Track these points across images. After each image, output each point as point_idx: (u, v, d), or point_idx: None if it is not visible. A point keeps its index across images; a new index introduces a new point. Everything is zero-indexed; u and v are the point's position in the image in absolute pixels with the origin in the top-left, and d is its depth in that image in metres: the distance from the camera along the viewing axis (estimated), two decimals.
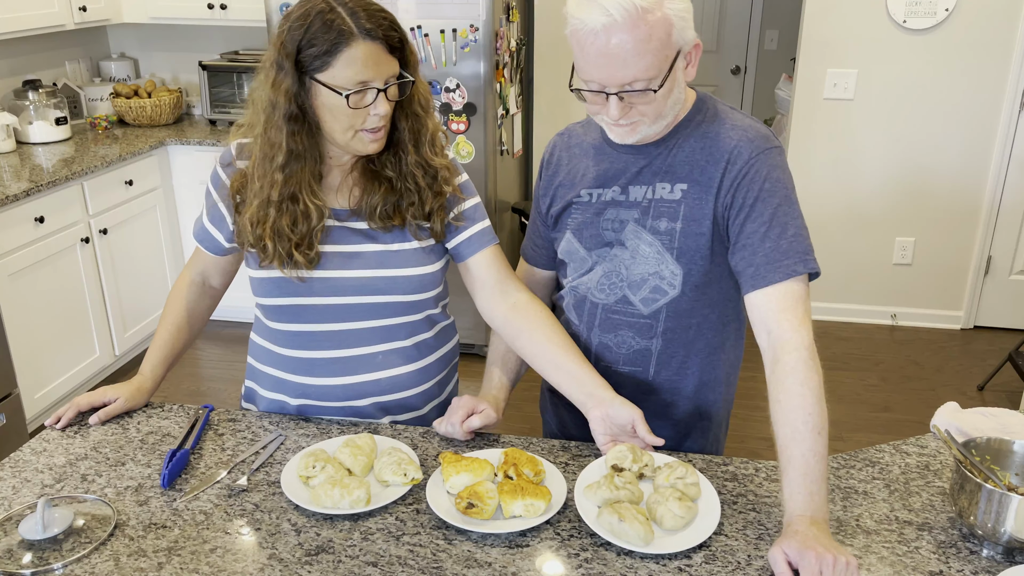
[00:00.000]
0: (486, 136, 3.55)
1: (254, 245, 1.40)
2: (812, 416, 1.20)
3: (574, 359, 1.43)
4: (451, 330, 1.63)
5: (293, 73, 1.30)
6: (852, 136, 3.96)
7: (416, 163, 1.42)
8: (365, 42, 1.28)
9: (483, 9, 3.35)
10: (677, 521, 1.20)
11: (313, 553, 1.18)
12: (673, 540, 1.19)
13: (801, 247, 1.30)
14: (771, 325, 1.28)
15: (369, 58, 1.29)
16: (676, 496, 1.22)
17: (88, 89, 4.14)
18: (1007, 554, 1.17)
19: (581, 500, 1.26)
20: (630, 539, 1.17)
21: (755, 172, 1.32)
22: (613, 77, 1.24)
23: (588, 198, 1.46)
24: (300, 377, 1.50)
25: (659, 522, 1.21)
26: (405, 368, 1.51)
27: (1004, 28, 3.69)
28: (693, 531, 1.20)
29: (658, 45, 1.23)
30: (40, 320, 3.15)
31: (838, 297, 4.23)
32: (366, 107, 1.31)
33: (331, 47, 1.28)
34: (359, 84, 1.29)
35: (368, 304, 1.45)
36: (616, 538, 1.18)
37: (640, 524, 1.17)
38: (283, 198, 1.36)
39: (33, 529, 1.19)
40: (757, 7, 5.39)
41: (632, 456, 1.31)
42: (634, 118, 1.31)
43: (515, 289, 1.51)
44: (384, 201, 1.42)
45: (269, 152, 1.35)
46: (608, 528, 1.19)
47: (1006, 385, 3.61)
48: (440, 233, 1.47)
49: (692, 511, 1.22)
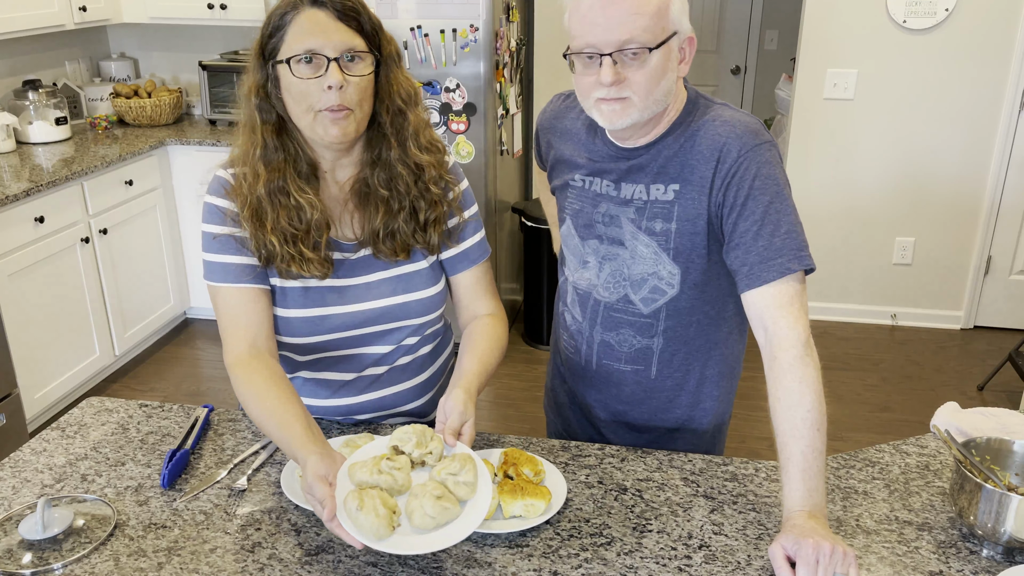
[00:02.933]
0: (486, 136, 3.55)
1: (261, 248, 1.35)
2: (811, 412, 1.20)
3: (472, 357, 1.39)
4: (448, 334, 1.63)
5: (260, 66, 1.32)
6: (852, 136, 3.96)
7: (400, 160, 1.37)
8: (311, 9, 1.28)
9: (483, 9, 3.35)
10: (427, 521, 1.11)
11: (313, 553, 1.18)
12: (410, 540, 1.10)
13: (795, 244, 1.29)
14: (767, 323, 1.28)
15: (315, 24, 1.27)
16: (436, 494, 1.13)
17: (88, 89, 4.14)
18: (1007, 554, 1.17)
19: (342, 479, 1.15)
20: (364, 531, 1.08)
21: (744, 170, 1.31)
22: (609, 36, 1.24)
23: (582, 184, 1.47)
24: (304, 398, 1.49)
25: (409, 517, 1.13)
26: (410, 383, 1.51)
27: (1004, 28, 3.69)
28: (440, 535, 1.10)
29: (655, 11, 1.24)
30: (40, 320, 3.15)
31: (838, 297, 4.23)
32: (318, 79, 1.26)
33: (280, 21, 1.29)
34: (306, 52, 1.26)
35: (381, 331, 1.44)
36: (353, 527, 1.09)
37: (376, 518, 1.08)
38: (271, 191, 1.33)
39: (33, 529, 1.19)
40: (757, 7, 5.39)
41: (416, 440, 1.22)
42: (624, 92, 1.28)
43: (484, 306, 1.51)
44: (384, 224, 1.38)
45: (250, 148, 1.35)
46: (348, 515, 1.10)
47: (1006, 385, 3.61)
48: (436, 247, 1.44)
49: (447, 513, 1.12)
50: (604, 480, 1.34)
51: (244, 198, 1.35)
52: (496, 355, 1.44)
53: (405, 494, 1.16)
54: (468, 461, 1.18)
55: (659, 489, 1.32)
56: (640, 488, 1.32)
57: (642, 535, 1.22)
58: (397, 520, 1.12)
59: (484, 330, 1.46)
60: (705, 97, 1.41)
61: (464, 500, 1.16)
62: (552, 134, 1.55)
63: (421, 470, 1.21)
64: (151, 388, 3.60)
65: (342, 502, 1.11)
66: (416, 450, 1.21)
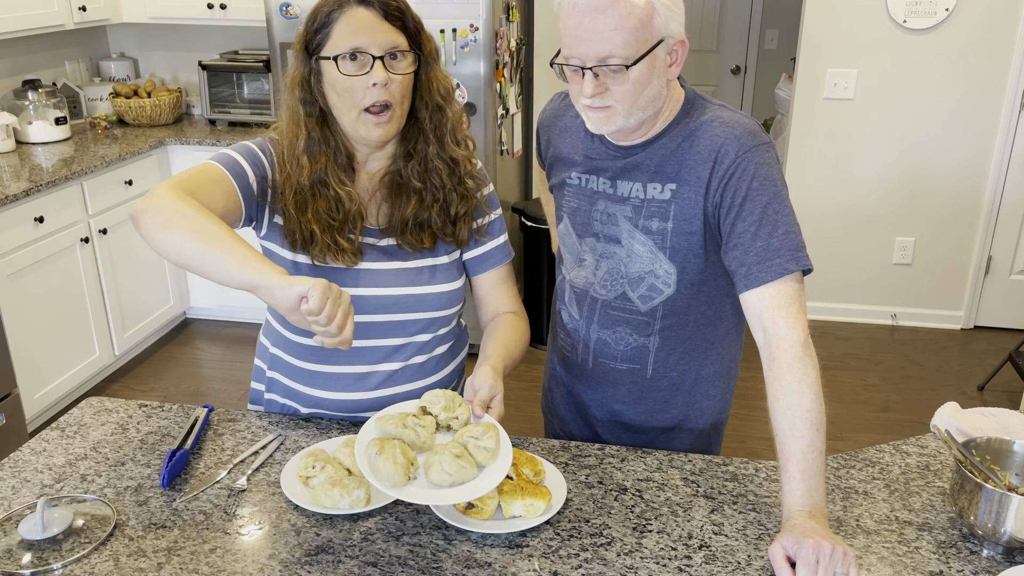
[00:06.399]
0: (486, 136, 3.55)
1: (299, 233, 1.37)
2: (810, 412, 1.20)
3: (496, 344, 1.43)
4: (464, 336, 1.63)
5: (303, 57, 1.35)
6: (852, 136, 3.96)
7: (439, 156, 1.42)
8: (358, 8, 1.31)
9: (483, 9, 3.34)
10: (443, 476, 1.13)
11: (313, 553, 1.18)
12: (423, 492, 1.11)
13: (792, 244, 1.29)
14: (766, 323, 1.28)
15: (361, 23, 1.30)
16: (456, 453, 1.15)
17: (88, 89, 4.14)
18: (1007, 554, 1.17)
19: (368, 427, 1.19)
20: (380, 476, 1.10)
21: (742, 171, 1.31)
22: (591, 50, 1.25)
23: (579, 181, 1.48)
24: (315, 390, 1.49)
25: (426, 472, 1.15)
26: (424, 381, 1.51)
27: (1004, 28, 3.69)
28: (457, 491, 1.12)
29: (637, 24, 1.23)
30: (40, 320, 3.15)
31: (838, 297, 4.23)
32: (363, 76, 1.31)
33: (327, 18, 1.32)
34: (352, 49, 1.30)
35: (395, 322, 1.45)
36: (370, 471, 1.11)
37: (394, 464, 1.10)
38: (313, 182, 1.38)
39: (33, 529, 1.19)
40: (757, 7, 5.39)
41: (444, 403, 1.25)
42: (608, 102, 1.29)
43: (507, 304, 1.54)
44: (415, 215, 1.42)
45: (293, 139, 1.39)
46: (367, 460, 1.13)
47: (1006, 385, 3.61)
48: (464, 240, 1.47)
49: (464, 473, 1.14)
50: (604, 480, 1.34)
51: (288, 185, 1.39)
52: (520, 346, 1.47)
53: (426, 452, 1.18)
54: (491, 428, 1.21)
55: (659, 489, 1.32)
56: (640, 488, 1.32)
57: (642, 535, 1.21)
58: (414, 472, 1.14)
59: (508, 323, 1.50)
60: (702, 97, 1.41)
61: (482, 465, 1.18)
62: (551, 132, 1.55)
63: (445, 433, 1.23)
64: (151, 388, 3.60)
65: (364, 447, 1.14)
66: (443, 413, 1.24)
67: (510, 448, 1.21)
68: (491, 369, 1.32)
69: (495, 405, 1.28)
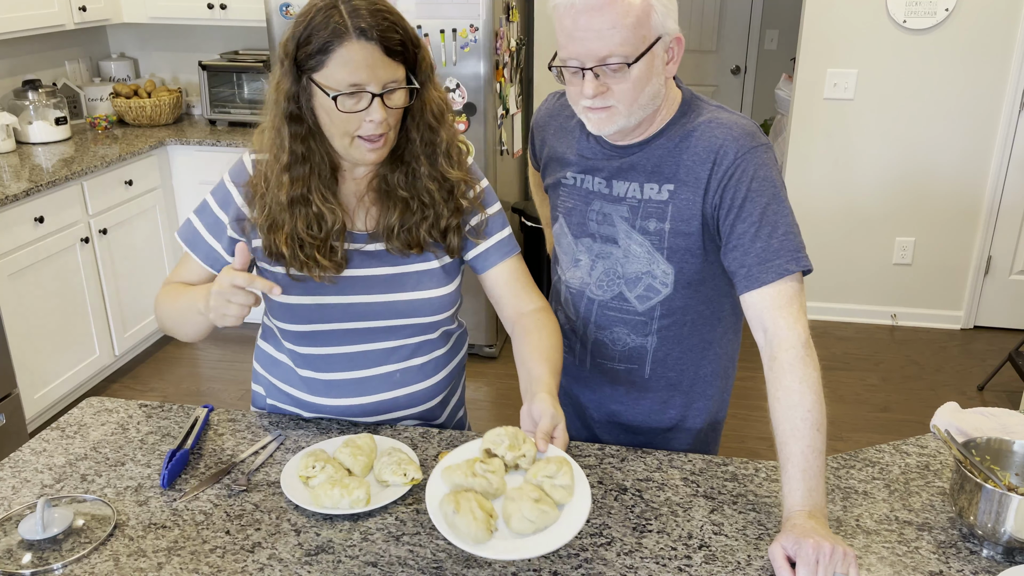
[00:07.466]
0: (486, 136, 3.55)
1: (271, 253, 1.36)
2: (811, 412, 1.20)
3: (539, 360, 1.36)
4: (463, 337, 1.62)
5: (292, 72, 1.27)
6: (852, 136, 3.96)
7: (430, 176, 1.37)
8: (359, 42, 1.22)
9: (483, 9, 3.35)
10: (526, 525, 1.08)
11: (313, 553, 1.18)
12: (510, 545, 1.06)
13: (792, 245, 1.30)
14: (767, 324, 1.28)
15: (362, 60, 1.22)
16: (534, 497, 1.10)
17: (88, 89, 4.14)
18: (1007, 554, 1.17)
19: (435, 481, 1.13)
20: (460, 534, 1.05)
21: (742, 172, 1.32)
22: (590, 51, 1.24)
23: (574, 181, 1.47)
24: (316, 398, 1.49)
25: (507, 521, 1.09)
26: (422, 384, 1.50)
27: (1004, 28, 3.69)
28: (542, 538, 1.07)
29: (635, 22, 1.23)
30: (40, 320, 3.15)
31: (838, 297, 4.23)
32: (360, 112, 1.26)
33: (324, 45, 1.23)
34: (351, 86, 1.24)
35: (387, 327, 1.43)
36: (451, 531, 1.05)
37: (474, 520, 1.04)
38: (293, 201, 1.32)
39: (33, 529, 1.19)
40: (757, 7, 5.39)
41: (509, 442, 1.19)
42: (609, 101, 1.29)
43: (529, 300, 1.47)
44: (401, 222, 1.38)
45: (276, 152, 1.33)
46: (444, 518, 1.07)
47: (1006, 385, 3.61)
48: (456, 249, 1.43)
49: (547, 517, 1.09)
50: (604, 480, 1.34)
51: (262, 202, 1.36)
52: (559, 351, 1.40)
53: (500, 497, 1.13)
54: (564, 464, 1.15)
55: (659, 489, 1.32)
56: (640, 488, 1.32)
57: (642, 535, 1.21)
58: (494, 524, 1.08)
59: (540, 327, 1.42)
60: (699, 98, 1.41)
61: (561, 504, 1.12)
62: (547, 132, 1.55)
63: (514, 473, 1.18)
64: (151, 388, 3.60)
65: (437, 505, 1.08)
66: (509, 452, 1.18)
67: (586, 483, 1.14)
68: (548, 396, 1.26)
69: (559, 435, 1.21)
